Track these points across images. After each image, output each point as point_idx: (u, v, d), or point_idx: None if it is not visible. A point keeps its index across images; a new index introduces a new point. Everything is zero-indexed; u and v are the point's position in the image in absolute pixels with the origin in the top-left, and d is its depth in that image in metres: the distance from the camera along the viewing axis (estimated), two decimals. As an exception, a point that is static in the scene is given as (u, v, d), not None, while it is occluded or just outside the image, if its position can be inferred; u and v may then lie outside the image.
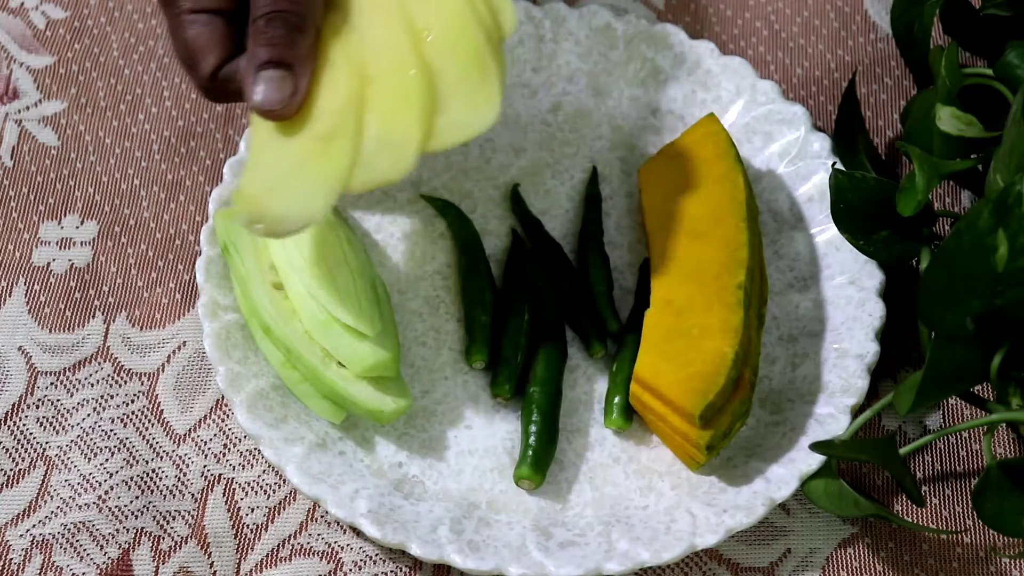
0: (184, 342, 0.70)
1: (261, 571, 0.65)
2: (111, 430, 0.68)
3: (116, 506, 0.66)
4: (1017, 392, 0.61)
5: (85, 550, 0.65)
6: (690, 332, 0.64)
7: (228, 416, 0.68)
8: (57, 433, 0.68)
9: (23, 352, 0.70)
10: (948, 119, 0.66)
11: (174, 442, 0.68)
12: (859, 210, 0.66)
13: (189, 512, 0.66)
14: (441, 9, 0.61)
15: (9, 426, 0.68)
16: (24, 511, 0.66)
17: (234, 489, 0.66)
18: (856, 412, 0.65)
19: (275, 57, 0.59)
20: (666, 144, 0.73)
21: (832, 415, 0.65)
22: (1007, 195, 0.56)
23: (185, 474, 0.67)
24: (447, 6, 0.61)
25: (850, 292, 0.68)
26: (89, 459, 0.67)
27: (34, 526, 0.66)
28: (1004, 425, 0.67)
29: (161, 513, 0.66)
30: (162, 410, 0.68)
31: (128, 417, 0.68)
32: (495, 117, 0.61)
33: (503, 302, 0.70)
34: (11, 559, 0.65)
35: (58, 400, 0.68)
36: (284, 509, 0.66)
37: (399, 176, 0.60)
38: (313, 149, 0.59)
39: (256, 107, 0.59)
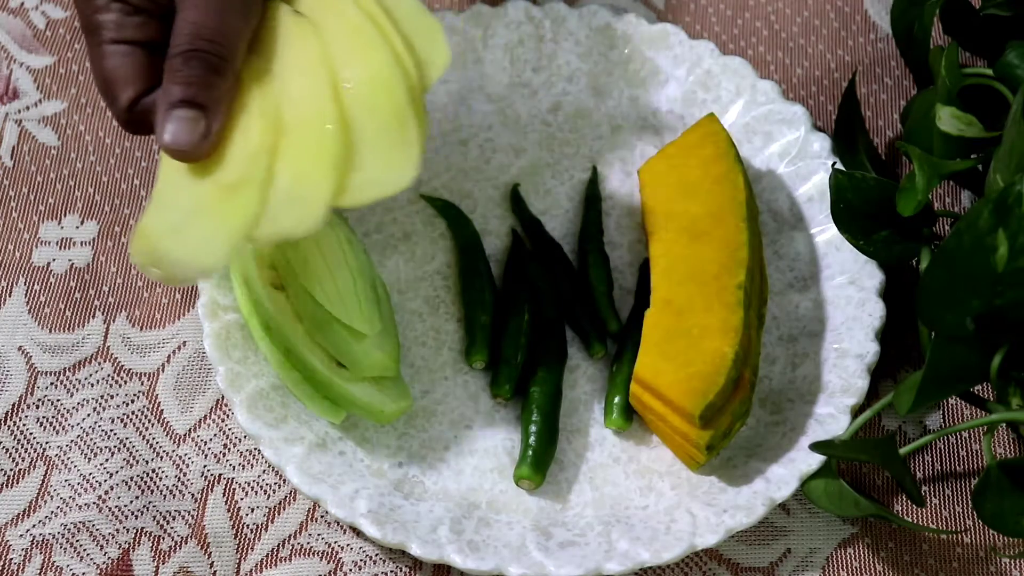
0: (184, 342, 0.70)
1: (261, 571, 0.65)
2: (111, 430, 0.68)
3: (116, 506, 0.66)
4: (1017, 392, 0.61)
5: (85, 550, 0.65)
6: (690, 332, 0.64)
7: (228, 416, 0.68)
8: (57, 433, 0.68)
9: (23, 352, 0.70)
10: (948, 119, 0.66)
11: (174, 442, 0.68)
12: (859, 210, 0.66)
13: (189, 512, 0.66)
14: (364, 62, 0.60)
15: (9, 426, 0.68)
16: (24, 511, 0.66)
17: (234, 489, 0.66)
18: (856, 412, 0.65)
19: (188, 96, 0.58)
20: (666, 144, 0.73)
21: (832, 415, 0.65)
22: (1007, 195, 0.56)
23: (185, 474, 0.67)
24: (371, 59, 0.60)
25: (850, 292, 0.68)
26: (89, 459, 0.67)
27: (34, 526, 0.66)
28: (1004, 425, 0.67)
29: (161, 513, 0.66)
30: (162, 410, 0.68)
31: (128, 417, 0.68)
32: (412, 178, 0.59)
33: (503, 302, 0.70)
34: (11, 559, 0.65)
35: (58, 400, 0.68)
36: (284, 509, 0.66)
37: (305, 231, 0.57)
38: (218, 195, 0.58)
39: (165, 146, 0.58)
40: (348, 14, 0.61)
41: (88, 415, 0.68)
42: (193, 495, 0.66)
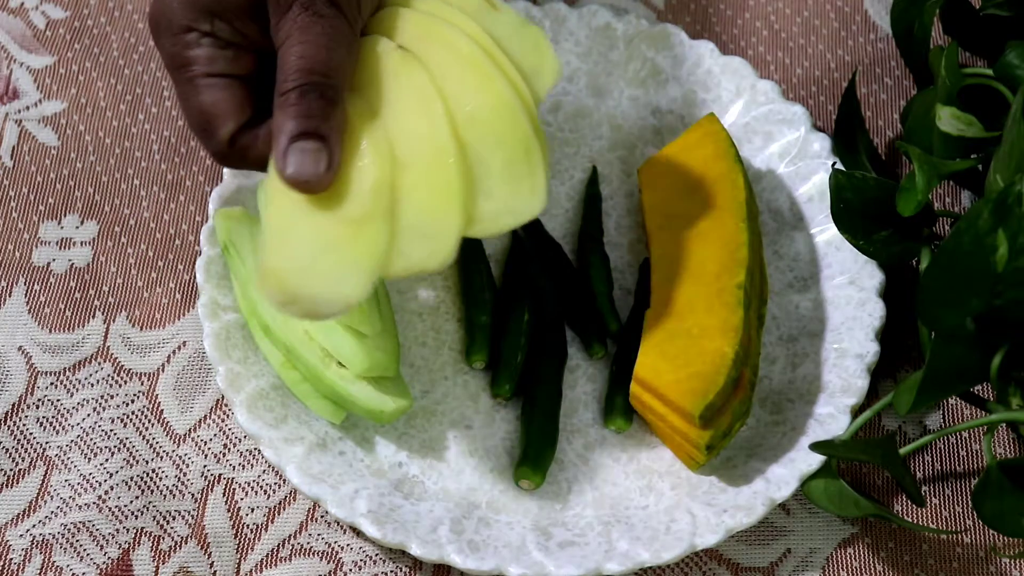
0: (184, 342, 0.70)
1: (261, 571, 0.65)
2: (111, 430, 0.68)
3: (116, 506, 0.66)
4: (1017, 392, 0.61)
5: (85, 550, 0.65)
6: (690, 332, 0.64)
7: (228, 416, 0.68)
8: (57, 433, 0.68)
9: (23, 352, 0.70)
10: (948, 119, 0.66)
11: (174, 442, 0.68)
12: (859, 210, 0.66)
13: (189, 512, 0.66)
14: (482, 93, 0.59)
15: (9, 426, 0.68)
16: (24, 511, 0.66)
17: (234, 489, 0.66)
18: (856, 412, 0.65)
19: (309, 128, 0.57)
20: (666, 144, 0.73)
21: (832, 415, 0.65)
22: (1007, 195, 0.56)
23: (185, 474, 0.67)
24: (488, 90, 0.59)
25: (850, 292, 0.69)
26: (89, 459, 0.67)
27: (34, 526, 0.66)
28: (1004, 425, 0.67)
29: (161, 513, 0.66)
30: (162, 410, 0.68)
31: (128, 417, 0.68)
32: (543, 204, 0.59)
33: (503, 302, 0.70)
34: (11, 559, 0.65)
35: (58, 400, 0.68)
36: (284, 509, 0.66)
37: (438, 265, 0.58)
38: (346, 231, 0.57)
39: (290, 179, 0.57)
40: (457, 45, 0.60)
41: (88, 415, 0.68)
42: (193, 495, 0.66)
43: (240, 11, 0.60)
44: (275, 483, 0.67)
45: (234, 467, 0.67)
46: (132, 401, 0.68)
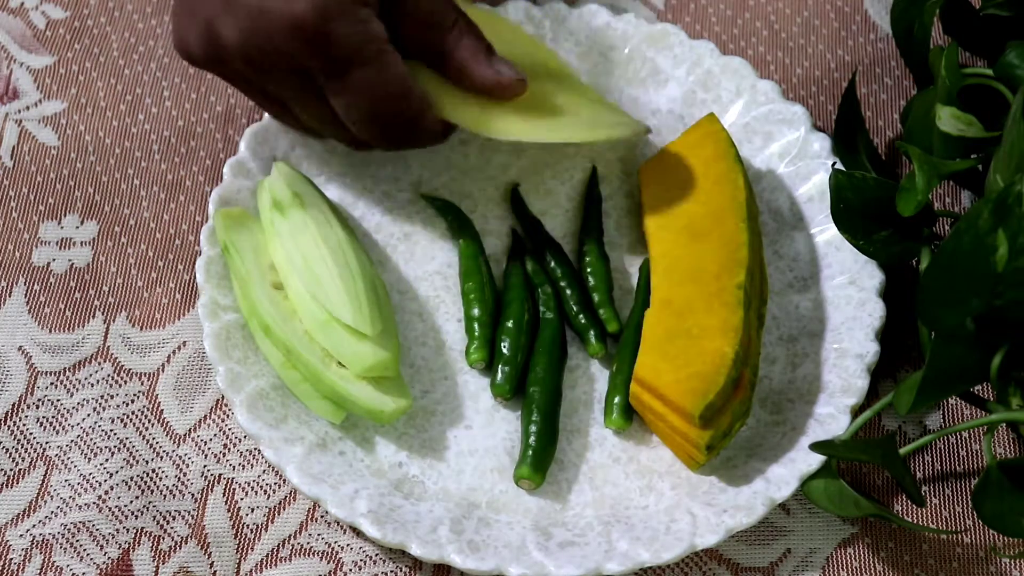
0: (184, 342, 0.70)
1: (261, 571, 0.65)
2: (111, 430, 0.68)
3: (116, 506, 0.66)
4: (1017, 392, 0.61)
5: (85, 550, 0.65)
6: (690, 332, 0.64)
7: (228, 416, 0.68)
8: (57, 433, 0.68)
9: (23, 352, 0.70)
10: (948, 119, 0.66)
11: (174, 442, 0.68)
12: (859, 210, 0.66)
13: (189, 512, 0.66)
14: None
15: (9, 426, 0.68)
16: (24, 511, 0.66)
17: (234, 489, 0.66)
18: (856, 412, 0.65)
19: (491, 47, 0.67)
20: (666, 144, 0.73)
21: (832, 415, 0.65)
22: (1007, 195, 0.56)
23: (185, 474, 0.67)
24: None
25: (850, 292, 0.69)
26: (89, 459, 0.67)
27: (34, 526, 0.66)
28: (1004, 425, 0.67)
29: (161, 513, 0.66)
30: (162, 410, 0.68)
31: (128, 417, 0.68)
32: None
33: (503, 302, 0.70)
34: (11, 559, 0.65)
35: (58, 400, 0.68)
36: (284, 509, 0.66)
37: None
38: None
39: (506, 86, 0.66)
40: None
41: (88, 415, 0.68)
42: (193, 495, 0.66)
43: None
44: (275, 483, 0.67)
45: (234, 467, 0.67)
46: (132, 401, 0.68)
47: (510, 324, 0.69)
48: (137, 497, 0.66)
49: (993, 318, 0.58)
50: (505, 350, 0.68)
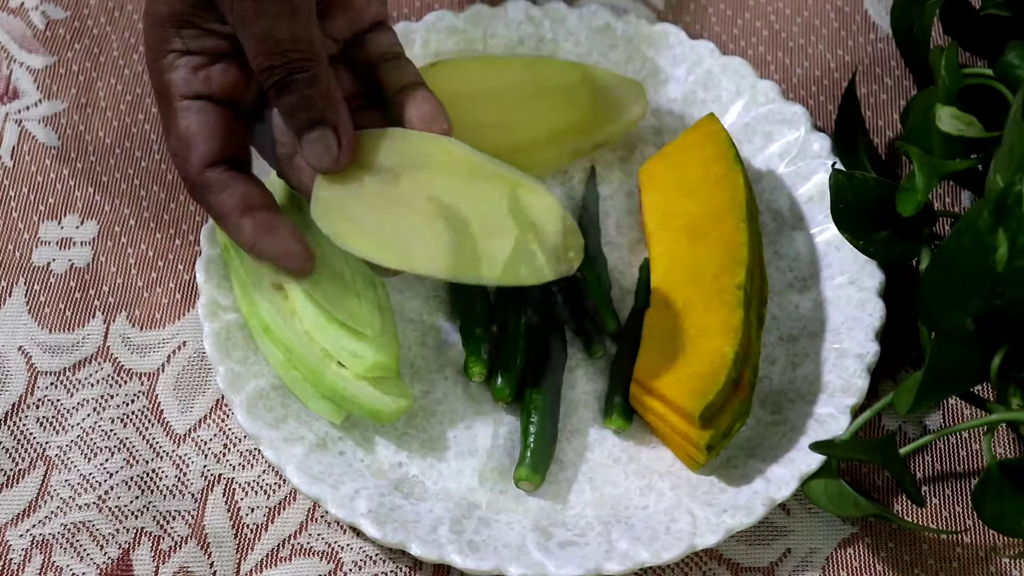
0: (184, 342, 0.70)
1: (261, 571, 0.65)
2: (111, 430, 0.68)
3: (116, 506, 0.66)
4: (1017, 392, 0.61)
5: (85, 550, 0.65)
6: (690, 332, 0.64)
7: (228, 416, 0.68)
8: (57, 433, 0.68)
9: (23, 352, 0.70)
10: (948, 119, 0.66)
11: (174, 442, 0.68)
12: (859, 210, 0.66)
13: (189, 512, 0.66)
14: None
15: (9, 426, 0.68)
16: (24, 511, 0.66)
17: (234, 489, 0.66)
18: (856, 412, 0.65)
19: (313, 118, 0.60)
20: (666, 144, 0.73)
21: (832, 415, 0.65)
22: (1007, 195, 0.56)
23: (185, 474, 0.67)
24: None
25: (850, 292, 0.68)
26: (89, 459, 0.67)
27: (34, 526, 0.66)
28: (1004, 425, 0.67)
29: (161, 513, 0.66)
30: (162, 410, 0.68)
31: (128, 417, 0.68)
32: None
33: (501, 304, 0.70)
34: (11, 559, 0.65)
35: (58, 400, 0.68)
36: (284, 509, 0.66)
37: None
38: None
39: (317, 169, 0.61)
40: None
41: (88, 415, 0.68)
42: (193, 495, 0.66)
43: (196, 6, 0.60)
44: (275, 483, 0.67)
45: (234, 467, 0.67)
46: (132, 401, 0.68)
47: (509, 326, 0.68)
48: (137, 497, 0.66)
49: (993, 318, 0.58)
50: (504, 355, 0.68)
